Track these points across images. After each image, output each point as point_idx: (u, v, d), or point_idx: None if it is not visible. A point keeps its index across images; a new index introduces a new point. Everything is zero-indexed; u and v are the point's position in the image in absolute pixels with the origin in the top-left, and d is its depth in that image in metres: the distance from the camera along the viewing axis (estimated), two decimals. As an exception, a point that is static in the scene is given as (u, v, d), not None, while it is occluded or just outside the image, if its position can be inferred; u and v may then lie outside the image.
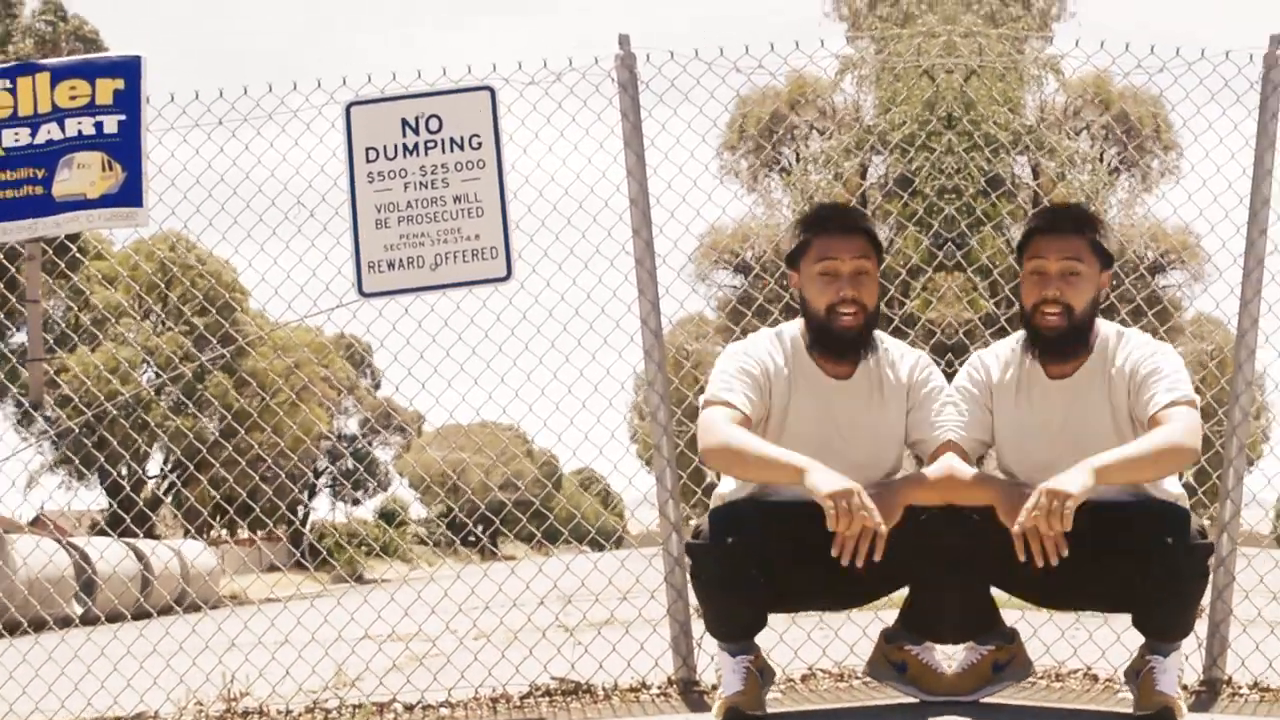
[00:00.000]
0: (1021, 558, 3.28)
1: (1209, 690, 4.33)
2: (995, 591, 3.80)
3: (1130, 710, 3.69)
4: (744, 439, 3.53)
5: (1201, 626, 4.27)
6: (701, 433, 3.63)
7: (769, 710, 3.73)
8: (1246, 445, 4.59)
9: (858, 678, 4.48)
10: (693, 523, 4.09)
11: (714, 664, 4.33)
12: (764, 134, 21.02)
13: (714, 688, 4.27)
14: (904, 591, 3.84)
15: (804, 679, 4.54)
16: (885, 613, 4.08)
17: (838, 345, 3.73)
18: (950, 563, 3.52)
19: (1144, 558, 3.42)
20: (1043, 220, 3.84)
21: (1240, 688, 4.38)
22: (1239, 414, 4.51)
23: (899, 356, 3.85)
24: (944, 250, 13.37)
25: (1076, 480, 3.29)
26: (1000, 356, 3.81)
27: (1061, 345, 3.68)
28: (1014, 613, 4.02)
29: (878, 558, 3.29)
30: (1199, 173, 4.92)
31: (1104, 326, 3.78)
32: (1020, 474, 3.65)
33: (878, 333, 3.89)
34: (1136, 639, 3.70)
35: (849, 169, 17.90)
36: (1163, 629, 3.61)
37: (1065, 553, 3.25)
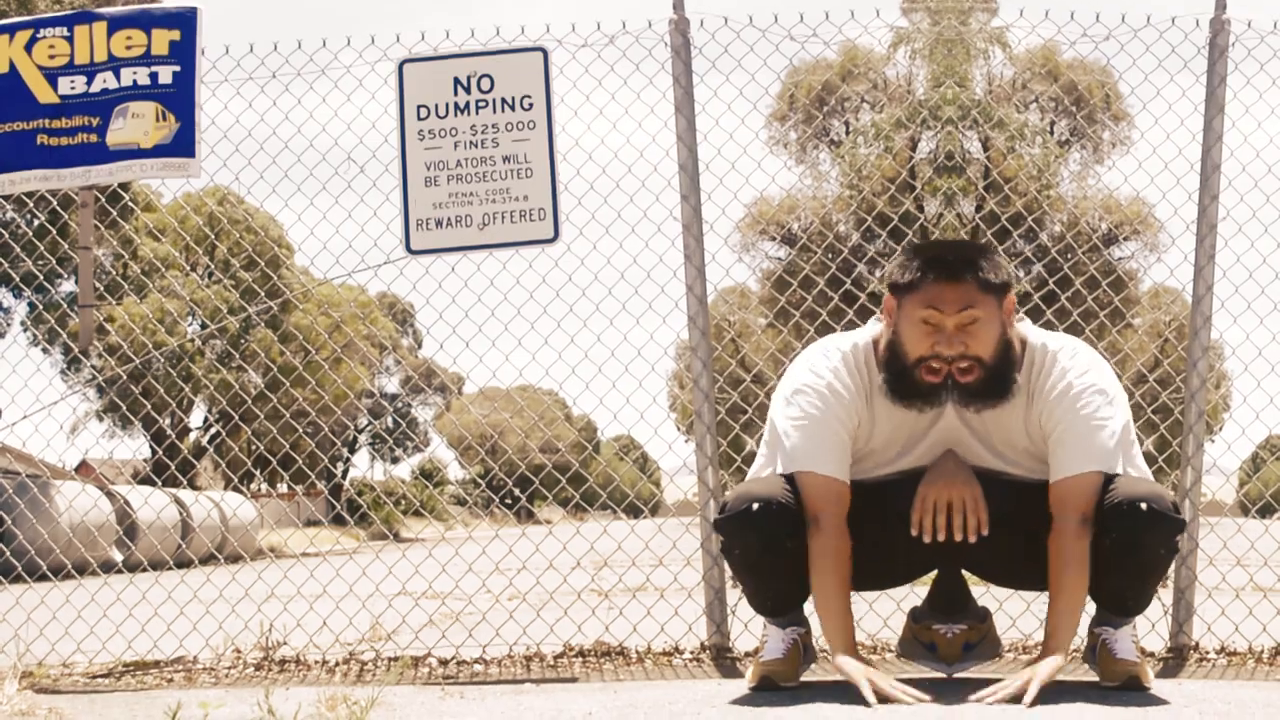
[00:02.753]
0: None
1: (1176, 657, 4.33)
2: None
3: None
4: (817, 581, 3.44)
5: (1167, 594, 4.31)
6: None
7: (801, 679, 3.73)
8: (1206, 412, 4.58)
9: (891, 650, 4.48)
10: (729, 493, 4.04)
11: (749, 631, 4.35)
12: (815, 104, 20.92)
13: (747, 654, 4.28)
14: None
15: (837, 650, 4.54)
16: (920, 587, 4.08)
17: (913, 396, 3.43)
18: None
19: (1119, 535, 3.35)
20: (937, 265, 3.40)
21: (1207, 653, 4.36)
22: (1196, 380, 4.51)
23: (1054, 374, 3.48)
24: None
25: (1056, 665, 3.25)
26: (844, 377, 3.52)
27: (986, 396, 3.40)
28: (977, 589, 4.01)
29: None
30: (1149, 140, 4.87)
31: (1034, 340, 3.54)
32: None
33: (1044, 354, 3.52)
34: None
35: (900, 142, 17.78)
36: (1125, 603, 3.52)
37: None
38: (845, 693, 3.45)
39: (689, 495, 5.07)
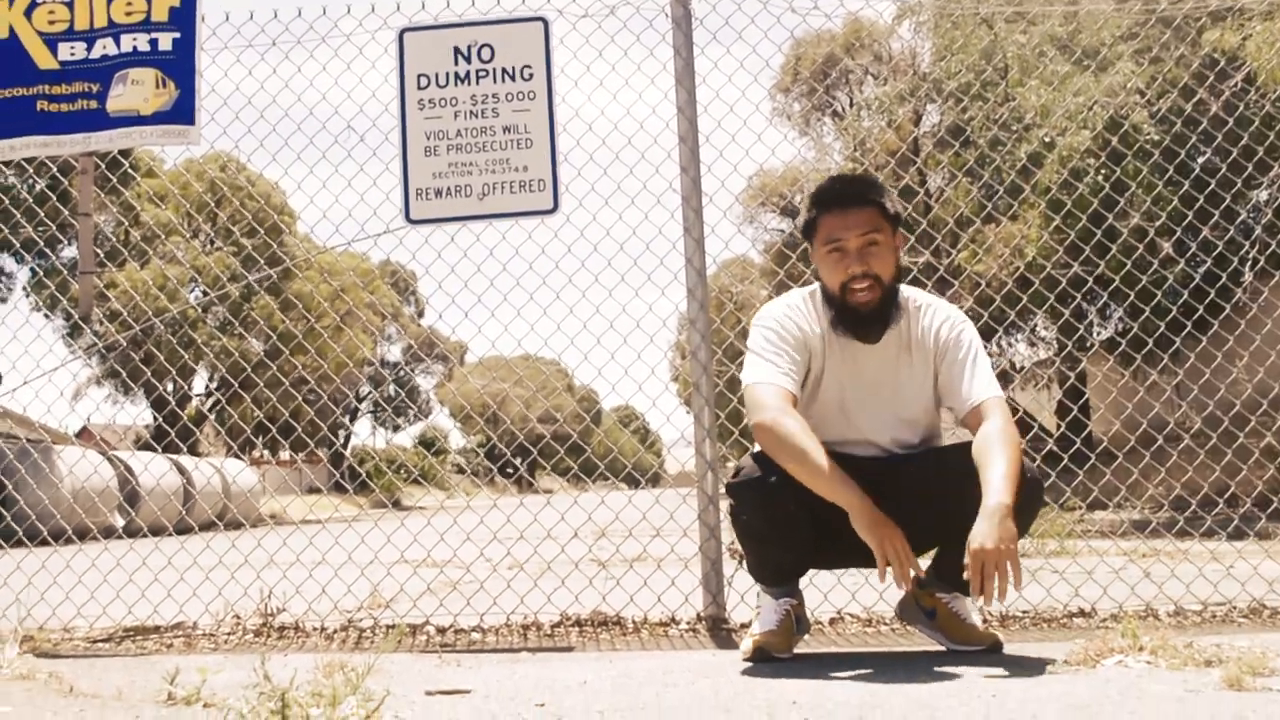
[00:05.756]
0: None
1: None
2: None
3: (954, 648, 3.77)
4: (804, 444, 3.45)
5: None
6: (756, 411, 3.58)
7: (796, 651, 3.75)
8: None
9: (886, 623, 4.50)
10: (730, 464, 4.08)
11: (744, 602, 4.37)
12: (817, 77, 20.86)
13: (743, 626, 4.30)
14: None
15: (832, 622, 4.57)
16: (922, 560, 4.10)
17: (857, 322, 3.69)
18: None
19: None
20: (830, 197, 3.76)
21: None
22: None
23: (931, 317, 3.79)
24: (992, 202, 13.27)
25: (1007, 531, 3.23)
26: (804, 313, 3.79)
27: (876, 318, 3.69)
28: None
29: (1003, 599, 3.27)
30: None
31: (903, 290, 3.82)
32: (828, 433, 3.65)
33: (909, 291, 3.84)
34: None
35: (902, 115, 17.73)
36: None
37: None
38: (838, 665, 3.48)
39: (685, 467, 5.08)
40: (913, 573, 3.30)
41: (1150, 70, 12.72)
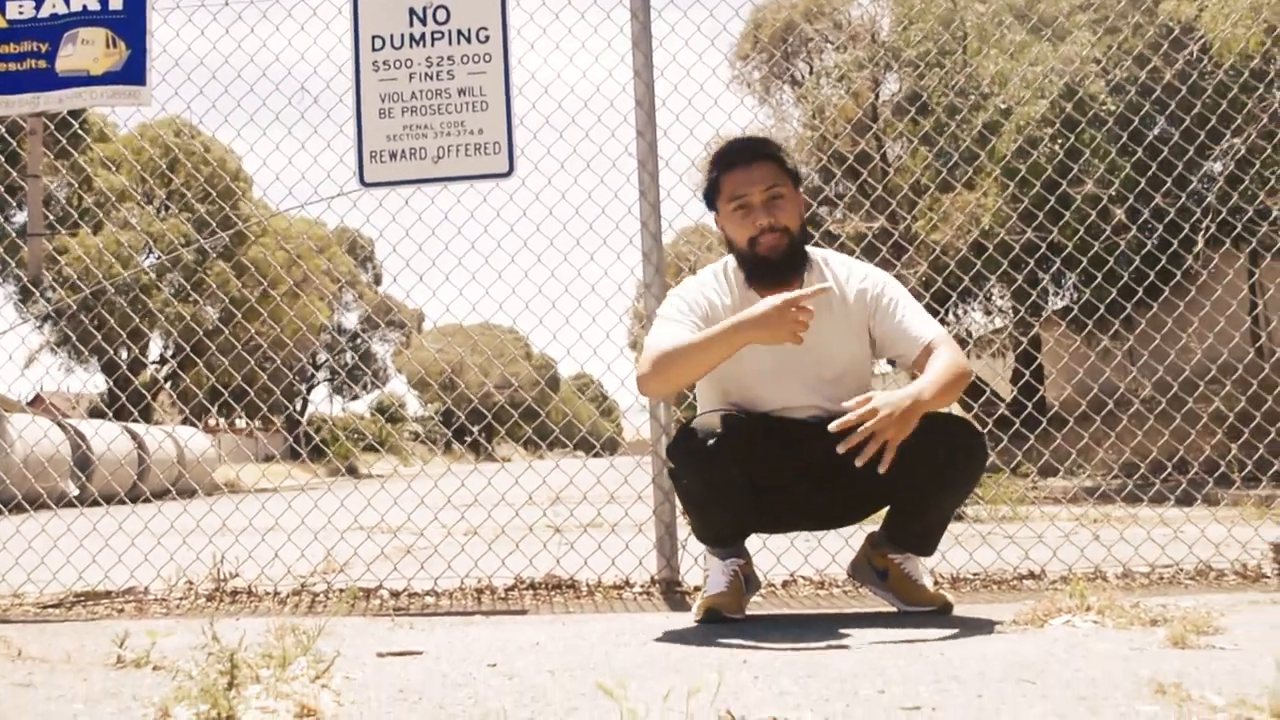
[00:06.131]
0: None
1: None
2: None
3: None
4: (673, 339, 3.52)
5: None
6: (638, 373, 3.59)
7: (748, 613, 3.78)
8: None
9: (838, 585, 4.54)
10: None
11: (698, 565, 4.39)
12: (776, 44, 20.82)
13: (696, 589, 4.33)
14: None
15: (785, 585, 4.60)
16: (869, 524, 4.13)
17: (769, 271, 3.74)
18: (932, 480, 3.54)
19: (941, 462, 3.49)
20: (731, 156, 3.84)
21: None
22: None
23: (847, 272, 3.83)
24: (949, 170, 13.32)
25: (906, 410, 3.30)
26: (713, 285, 3.83)
27: (788, 268, 3.76)
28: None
29: (883, 469, 3.29)
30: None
31: (812, 250, 3.89)
32: (760, 402, 3.72)
33: (817, 250, 3.89)
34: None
35: (861, 82, 17.74)
36: (924, 531, 3.78)
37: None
38: (790, 626, 3.50)
39: (640, 433, 5.09)
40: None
41: (1107, 40, 12.78)
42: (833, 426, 3.26)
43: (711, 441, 3.51)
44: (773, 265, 3.73)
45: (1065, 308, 16.50)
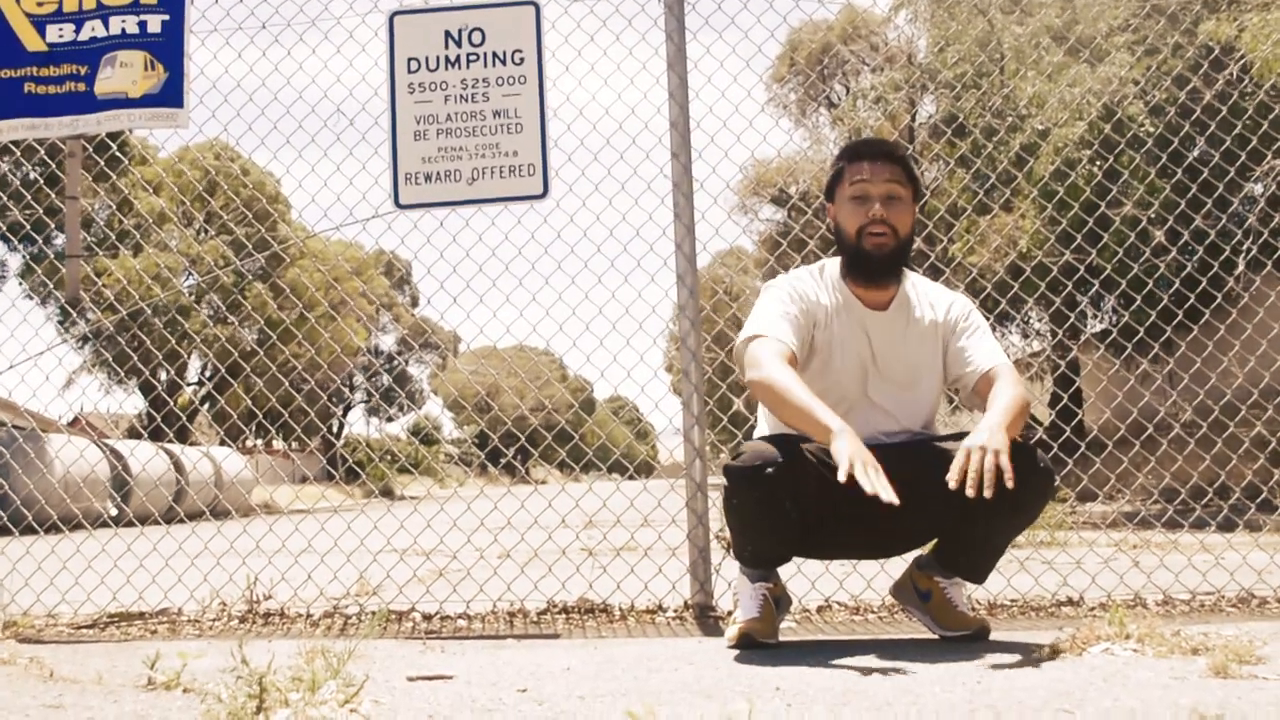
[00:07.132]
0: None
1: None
2: None
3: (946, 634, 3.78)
4: (789, 381, 3.47)
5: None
6: (749, 364, 3.60)
7: (783, 639, 3.74)
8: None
9: (873, 611, 4.49)
10: (723, 457, 4.07)
11: (731, 589, 4.35)
12: (813, 66, 20.81)
13: (729, 613, 4.29)
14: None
15: (820, 610, 4.55)
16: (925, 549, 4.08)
17: (870, 268, 3.75)
18: (1000, 506, 3.45)
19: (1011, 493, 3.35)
20: (860, 147, 3.89)
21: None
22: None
23: (937, 295, 3.88)
24: (986, 192, 13.24)
25: (998, 438, 3.26)
26: (813, 284, 3.85)
27: (887, 268, 3.77)
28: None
29: (1010, 484, 3.24)
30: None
31: (908, 273, 3.92)
32: (829, 400, 3.63)
33: (916, 275, 3.91)
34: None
35: (897, 103, 17.70)
36: (980, 559, 3.74)
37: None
38: (823, 651, 3.46)
39: (674, 455, 5.06)
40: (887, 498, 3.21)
41: (1146, 61, 12.70)
42: (953, 483, 3.21)
43: (771, 470, 3.46)
44: (874, 263, 3.75)
45: (1104, 331, 16.36)
